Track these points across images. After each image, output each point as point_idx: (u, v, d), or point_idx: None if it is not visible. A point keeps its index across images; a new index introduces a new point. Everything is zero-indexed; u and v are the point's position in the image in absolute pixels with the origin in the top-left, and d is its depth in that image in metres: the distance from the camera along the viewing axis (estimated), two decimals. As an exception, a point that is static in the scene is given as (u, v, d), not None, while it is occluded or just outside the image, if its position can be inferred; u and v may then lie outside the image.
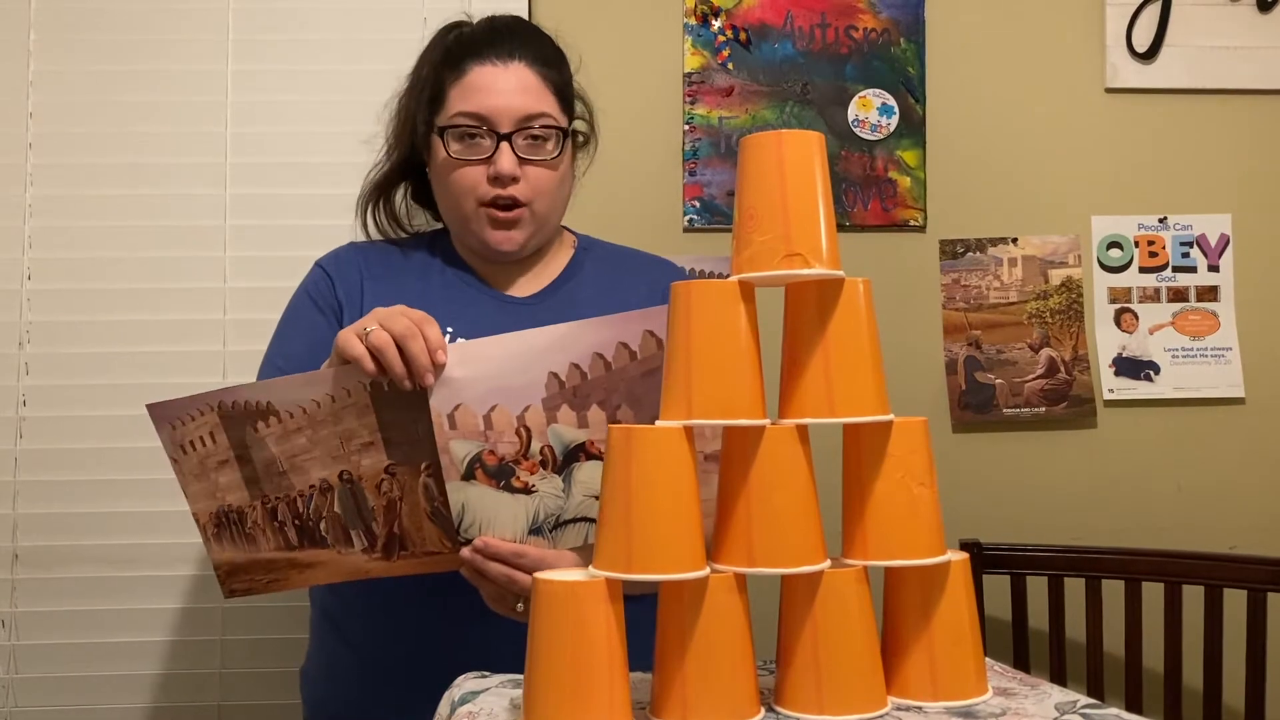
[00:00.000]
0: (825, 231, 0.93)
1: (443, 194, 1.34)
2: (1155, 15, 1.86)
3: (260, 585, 1.19)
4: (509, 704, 0.94)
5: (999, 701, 0.95)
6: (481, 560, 1.12)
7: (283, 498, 1.15)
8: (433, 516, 1.13)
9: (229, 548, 1.18)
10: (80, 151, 1.75)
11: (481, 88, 1.28)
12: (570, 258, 1.40)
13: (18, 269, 1.74)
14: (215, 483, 1.15)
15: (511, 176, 1.27)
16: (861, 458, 0.95)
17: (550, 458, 1.12)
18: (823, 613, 0.91)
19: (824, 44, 1.84)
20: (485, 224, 1.30)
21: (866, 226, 1.84)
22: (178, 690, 1.73)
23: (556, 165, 1.31)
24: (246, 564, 1.18)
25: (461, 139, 1.29)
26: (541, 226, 1.33)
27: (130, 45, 1.76)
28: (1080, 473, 1.85)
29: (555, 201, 1.34)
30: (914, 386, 1.83)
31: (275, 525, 1.16)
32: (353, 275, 1.36)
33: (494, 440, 1.11)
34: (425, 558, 1.15)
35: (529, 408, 1.11)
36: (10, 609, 1.72)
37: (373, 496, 1.13)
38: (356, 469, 1.13)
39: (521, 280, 1.37)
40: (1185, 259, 1.87)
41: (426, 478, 1.12)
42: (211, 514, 1.17)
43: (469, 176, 1.29)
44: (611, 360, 1.11)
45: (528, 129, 1.28)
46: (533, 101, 1.29)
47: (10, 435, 1.73)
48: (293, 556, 1.17)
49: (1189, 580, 1.63)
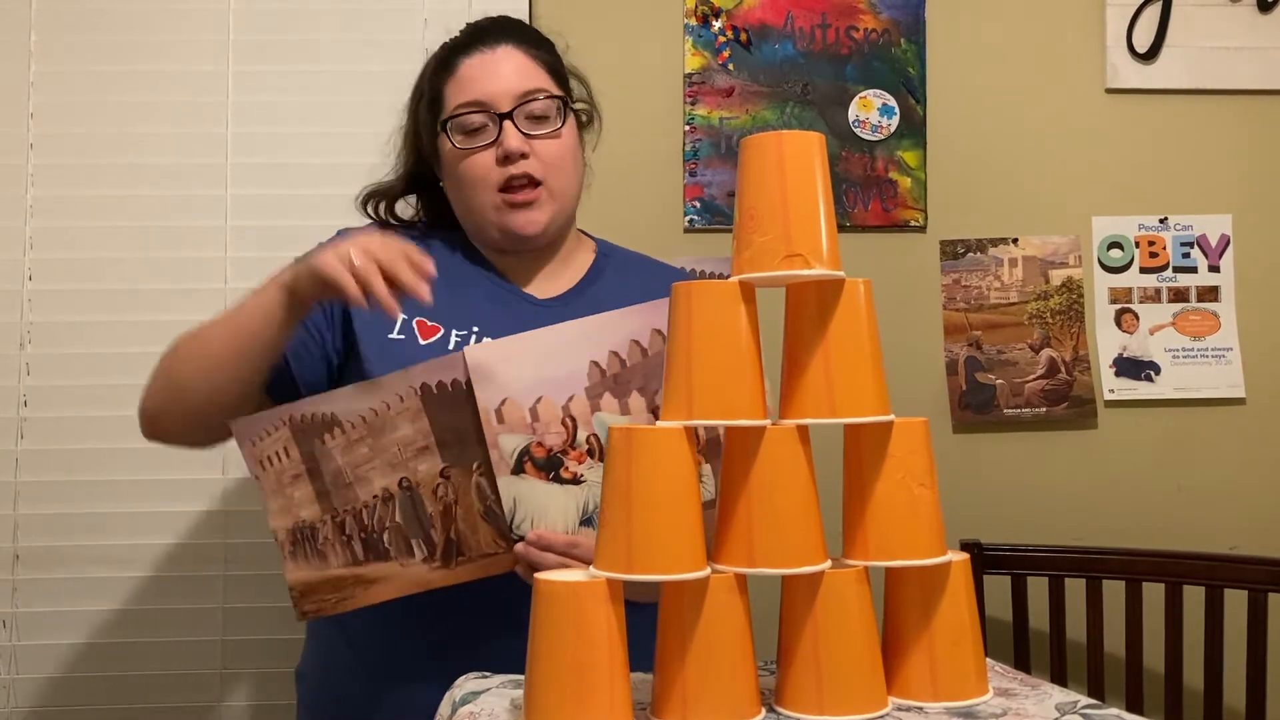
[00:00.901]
0: (826, 232, 0.93)
1: (458, 192, 1.32)
2: (1156, 16, 1.86)
3: (329, 605, 1.19)
4: (510, 704, 0.94)
5: (999, 702, 0.95)
6: (536, 553, 1.12)
7: (349, 510, 1.16)
8: (486, 516, 1.14)
9: (303, 566, 1.18)
10: (81, 152, 1.75)
11: (475, 76, 1.29)
12: (591, 262, 1.39)
13: (19, 270, 1.74)
14: (291, 498, 1.17)
15: (520, 152, 1.26)
16: (862, 458, 0.95)
17: (596, 446, 1.13)
18: (823, 613, 0.91)
19: (824, 44, 1.84)
20: (505, 211, 1.29)
21: (867, 227, 1.84)
22: (178, 691, 1.73)
23: (563, 136, 1.31)
24: (318, 583, 1.18)
25: (465, 129, 1.28)
26: (561, 206, 1.31)
27: (131, 46, 1.76)
28: (1081, 473, 1.85)
29: (570, 178, 1.32)
30: (915, 387, 1.83)
31: (344, 539, 1.16)
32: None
33: (541, 432, 1.12)
34: (482, 560, 1.15)
35: (573, 397, 1.12)
36: (11, 609, 1.72)
37: (430, 502, 1.14)
38: (415, 475, 1.14)
39: (543, 277, 1.35)
40: (1186, 259, 1.87)
41: (479, 477, 1.13)
42: (289, 530, 1.17)
43: (479, 164, 1.28)
44: (648, 346, 1.13)
45: (527, 105, 1.28)
46: (527, 79, 1.29)
47: (11, 436, 1.73)
48: (359, 572, 1.17)
49: (1190, 581, 1.63)
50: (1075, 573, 1.69)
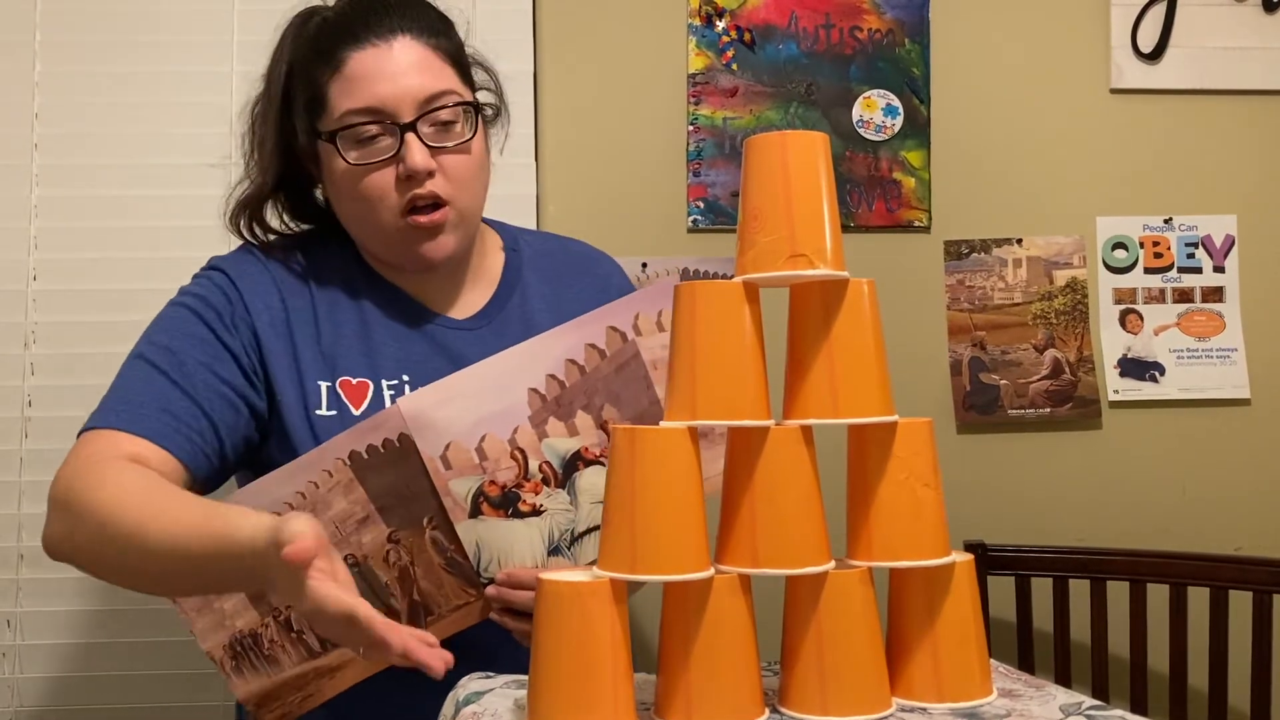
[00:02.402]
0: (830, 232, 0.93)
1: (349, 211, 1.16)
2: (1160, 16, 1.86)
3: (295, 706, 1.10)
4: (513, 704, 0.94)
5: (1004, 703, 0.95)
6: (509, 593, 1.06)
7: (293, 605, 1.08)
8: (449, 568, 1.08)
9: (251, 677, 1.10)
10: (86, 152, 1.75)
11: (366, 76, 1.10)
12: (503, 264, 1.27)
13: (23, 270, 1.74)
14: (221, 611, 1.08)
15: (427, 171, 1.11)
16: (866, 459, 0.95)
17: (551, 474, 1.10)
18: (827, 614, 0.91)
19: (828, 44, 1.84)
20: (409, 235, 1.14)
21: (871, 227, 1.84)
22: (182, 690, 1.73)
23: (472, 148, 1.15)
24: (274, 689, 1.10)
25: (358, 142, 1.11)
26: (470, 225, 1.18)
27: (135, 46, 1.76)
28: (1085, 474, 1.85)
29: (480, 194, 1.18)
30: (918, 387, 1.83)
31: (293, 636, 1.09)
32: (270, 295, 1.17)
33: (491, 470, 1.07)
34: (454, 614, 1.10)
35: (518, 428, 1.08)
36: (15, 609, 1.72)
37: (383, 571, 1.08)
38: (360, 549, 1.07)
39: (457, 293, 1.24)
40: (1190, 260, 1.87)
41: (432, 531, 1.07)
42: (225, 646, 1.10)
43: (377, 184, 1.11)
44: (584, 364, 1.09)
45: (432, 113, 1.11)
46: (431, 80, 1.11)
47: (15, 435, 1.73)
48: (318, 664, 1.09)
49: (1194, 582, 1.63)
50: (1079, 574, 1.68)
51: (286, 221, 1.26)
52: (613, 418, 1.10)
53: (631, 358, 1.09)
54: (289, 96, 1.16)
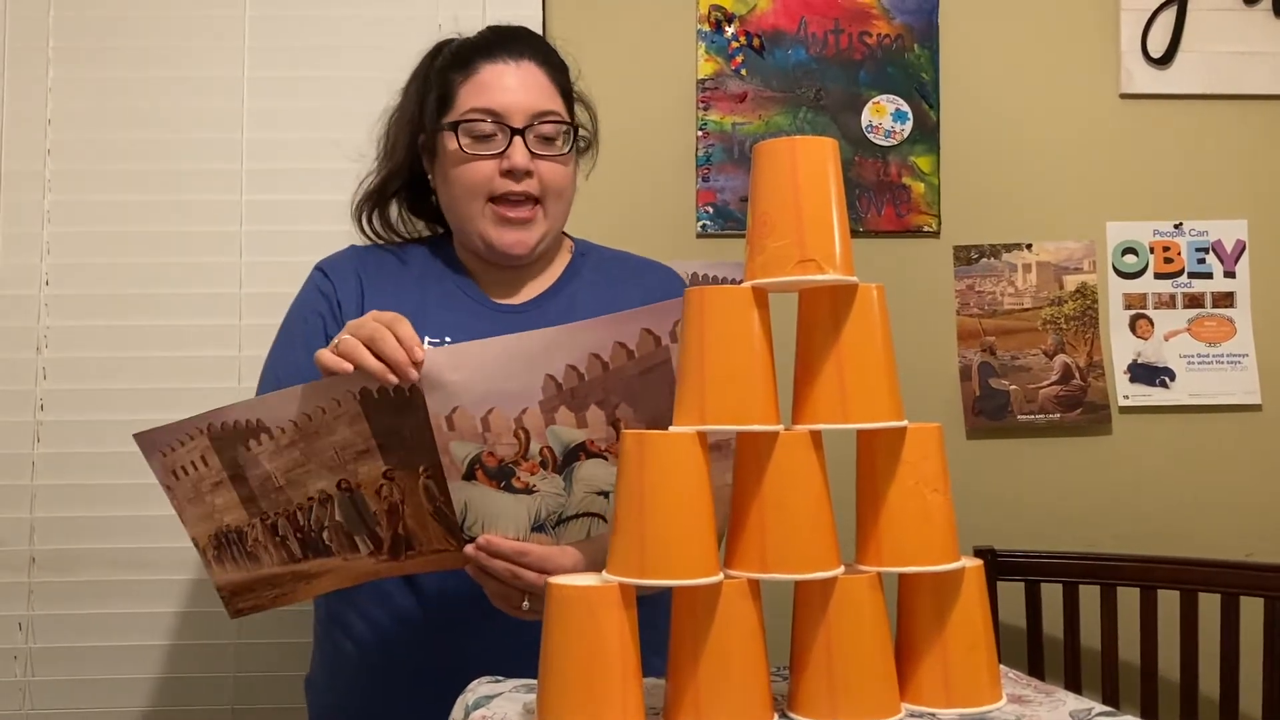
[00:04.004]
0: (839, 237, 0.93)
1: (449, 192, 1.32)
2: (1170, 21, 1.86)
3: (267, 601, 1.17)
4: (522, 708, 0.94)
5: (1013, 709, 0.95)
6: (485, 558, 1.11)
7: (281, 512, 1.13)
8: (436, 516, 1.12)
9: (231, 568, 1.16)
10: (98, 158, 1.76)
11: (493, 84, 1.29)
12: (568, 263, 1.39)
13: (36, 274, 1.75)
14: (211, 505, 1.14)
15: (525, 170, 1.27)
16: (875, 464, 0.95)
17: (550, 458, 1.12)
18: (836, 619, 0.91)
19: (837, 50, 1.84)
20: (491, 223, 1.29)
21: (880, 232, 1.84)
22: (192, 693, 1.74)
23: (567, 162, 1.32)
24: (250, 582, 1.16)
25: (473, 135, 1.28)
26: (552, 228, 1.33)
27: (148, 52, 1.78)
28: (1095, 479, 1.84)
29: (565, 203, 1.34)
30: (928, 393, 1.83)
31: (276, 540, 1.14)
32: (352, 280, 1.34)
33: (492, 442, 1.10)
34: (433, 555, 1.15)
35: (526, 410, 1.10)
36: (27, 612, 1.73)
37: (374, 502, 1.13)
38: (354, 477, 1.12)
39: (520, 286, 1.36)
40: (1201, 265, 1.86)
41: (426, 479, 1.11)
42: (210, 536, 1.15)
43: (480, 170, 1.28)
44: (609, 360, 1.09)
45: (539, 125, 1.28)
46: (544, 99, 1.30)
47: (28, 439, 1.74)
48: (297, 569, 1.15)
49: (1205, 588, 1.62)
50: (1089, 579, 1.68)
51: (405, 216, 1.43)
52: (627, 418, 1.11)
53: (661, 363, 1.10)
54: (423, 100, 1.34)
